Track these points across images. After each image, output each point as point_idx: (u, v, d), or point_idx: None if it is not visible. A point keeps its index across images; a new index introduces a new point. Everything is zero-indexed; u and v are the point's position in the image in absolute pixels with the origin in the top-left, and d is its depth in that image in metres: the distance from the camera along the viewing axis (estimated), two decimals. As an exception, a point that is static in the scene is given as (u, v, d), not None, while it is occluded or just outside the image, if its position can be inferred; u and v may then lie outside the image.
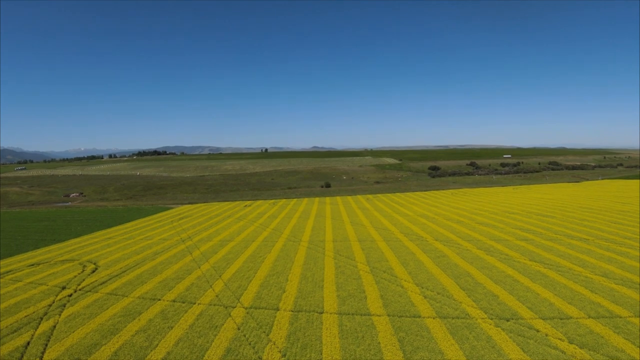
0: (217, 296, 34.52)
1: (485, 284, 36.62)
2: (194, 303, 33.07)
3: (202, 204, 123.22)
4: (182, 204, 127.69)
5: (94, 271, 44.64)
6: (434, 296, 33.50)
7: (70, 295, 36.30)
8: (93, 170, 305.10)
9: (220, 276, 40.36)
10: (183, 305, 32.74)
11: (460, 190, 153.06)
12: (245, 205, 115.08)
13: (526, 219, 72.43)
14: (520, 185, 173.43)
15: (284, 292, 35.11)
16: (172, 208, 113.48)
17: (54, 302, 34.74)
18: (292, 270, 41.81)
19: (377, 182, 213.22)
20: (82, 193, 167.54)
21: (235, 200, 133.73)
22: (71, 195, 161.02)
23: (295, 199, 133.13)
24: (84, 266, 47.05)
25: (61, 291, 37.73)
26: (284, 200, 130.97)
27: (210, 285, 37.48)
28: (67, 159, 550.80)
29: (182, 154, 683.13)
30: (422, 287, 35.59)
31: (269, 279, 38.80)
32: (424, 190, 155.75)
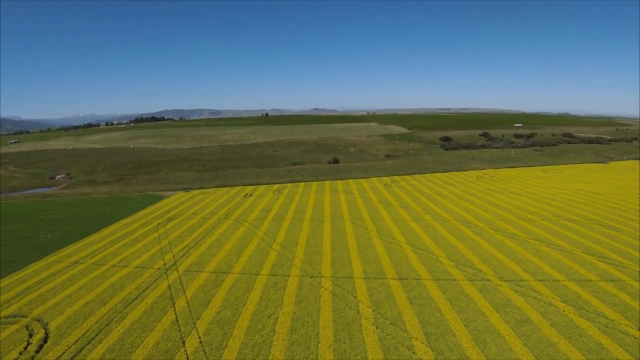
0: None
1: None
2: None
3: (197, 191, 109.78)
4: (175, 190, 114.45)
5: (41, 347, 31.99)
6: None
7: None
8: (86, 142, 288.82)
9: (214, 374, 27.59)
10: None
11: (484, 172, 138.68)
12: (246, 195, 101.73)
13: (589, 233, 59.16)
14: (545, 165, 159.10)
15: None
16: (162, 198, 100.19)
17: None
18: None
19: (388, 156, 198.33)
20: (69, 174, 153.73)
21: (235, 185, 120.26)
22: (57, 177, 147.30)
23: (302, 183, 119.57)
24: (31, 332, 34.34)
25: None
26: (290, 185, 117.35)
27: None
28: (63, 128, 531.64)
29: (181, 119, 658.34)
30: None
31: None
32: (444, 171, 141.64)
